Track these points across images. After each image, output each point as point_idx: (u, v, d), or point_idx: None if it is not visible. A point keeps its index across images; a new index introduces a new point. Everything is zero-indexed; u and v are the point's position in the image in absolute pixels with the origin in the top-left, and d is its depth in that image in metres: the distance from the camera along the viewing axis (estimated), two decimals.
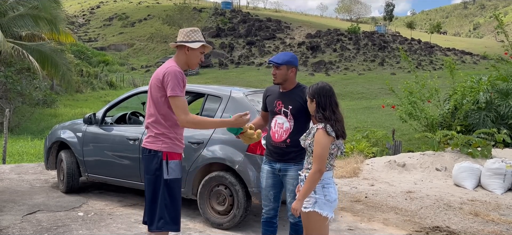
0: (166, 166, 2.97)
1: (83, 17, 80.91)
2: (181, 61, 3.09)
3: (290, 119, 3.35)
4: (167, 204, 2.97)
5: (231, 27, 67.69)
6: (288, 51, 3.73)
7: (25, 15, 14.50)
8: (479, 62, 51.58)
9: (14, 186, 6.16)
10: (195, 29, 3.15)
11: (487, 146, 7.92)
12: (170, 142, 3.00)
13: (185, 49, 3.07)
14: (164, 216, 2.97)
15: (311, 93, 2.97)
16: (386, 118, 19.09)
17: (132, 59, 59.11)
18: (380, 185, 6.93)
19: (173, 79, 2.90)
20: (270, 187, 3.45)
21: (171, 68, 2.96)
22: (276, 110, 3.41)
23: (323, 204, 2.85)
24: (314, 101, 2.95)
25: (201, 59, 3.17)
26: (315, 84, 3.01)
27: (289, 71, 3.37)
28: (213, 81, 39.30)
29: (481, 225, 5.12)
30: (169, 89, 2.90)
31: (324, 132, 2.83)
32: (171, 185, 2.98)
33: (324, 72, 48.30)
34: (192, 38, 3.08)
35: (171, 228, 2.99)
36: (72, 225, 4.59)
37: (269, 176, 3.45)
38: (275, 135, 3.39)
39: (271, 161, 3.44)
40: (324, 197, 2.85)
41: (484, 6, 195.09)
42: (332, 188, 2.91)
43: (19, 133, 14.88)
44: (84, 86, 32.92)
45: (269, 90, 3.56)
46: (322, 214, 2.84)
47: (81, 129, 5.67)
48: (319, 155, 2.80)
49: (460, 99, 9.81)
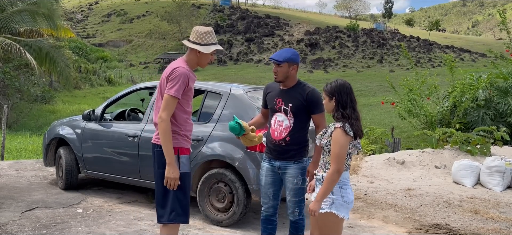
0: (178, 160, 3.05)
1: (81, 13, 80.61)
2: (192, 61, 3.15)
3: (290, 117, 3.32)
4: (179, 197, 3.07)
5: (230, 24, 67.53)
6: (289, 48, 3.67)
7: (23, 10, 14.42)
8: (478, 60, 51.60)
9: (12, 182, 6.14)
10: (209, 30, 3.16)
11: (486, 144, 7.93)
12: (180, 138, 3.09)
13: (196, 51, 3.10)
14: (176, 208, 3.08)
15: (330, 91, 2.86)
16: (385, 115, 19.10)
17: (131, 55, 58.94)
18: (380, 183, 6.92)
19: (177, 81, 2.98)
20: (270, 184, 3.43)
21: (179, 70, 3.03)
22: (276, 108, 3.38)
23: (340, 205, 2.79)
24: (333, 100, 2.84)
25: (212, 60, 3.22)
26: (333, 82, 2.90)
27: (291, 69, 3.32)
28: (212, 78, 39.23)
29: (480, 222, 5.12)
30: (169, 87, 2.99)
31: (342, 131, 2.75)
32: (183, 179, 3.08)
33: (323, 70, 48.25)
34: (205, 40, 3.10)
35: (182, 220, 3.11)
36: (71, 221, 4.57)
37: (268, 173, 3.43)
38: (275, 132, 3.36)
39: (271, 159, 3.42)
40: (342, 198, 2.79)
41: (482, 4, 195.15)
42: (349, 189, 2.83)
43: (18, 129, 14.83)
44: (83, 82, 32.82)
45: (270, 87, 3.52)
46: (339, 215, 2.78)
47: (80, 126, 5.65)
48: (337, 154, 2.72)
49: (459, 97, 9.81)
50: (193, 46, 3.09)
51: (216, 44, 3.15)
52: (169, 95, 2.98)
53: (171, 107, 2.99)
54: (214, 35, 3.17)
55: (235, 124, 3.31)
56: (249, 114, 4.45)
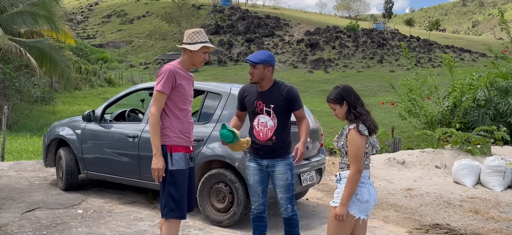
0: (170, 158, 3.17)
1: (81, 14, 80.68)
2: (185, 61, 3.29)
3: (273, 117, 3.41)
4: (171, 193, 3.18)
5: (230, 24, 67.56)
6: (265, 50, 3.74)
7: (24, 12, 14.43)
8: (478, 60, 51.60)
9: (12, 183, 6.14)
10: (198, 30, 3.31)
11: (486, 144, 7.92)
12: (173, 135, 3.19)
13: (188, 51, 3.24)
14: (169, 204, 3.19)
15: (338, 97, 2.88)
16: (385, 115, 19.10)
17: (131, 56, 58.98)
18: (380, 183, 6.92)
19: (162, 77, 3.16)
20: (258, 182, 3.51)
21: (166, 66, 3.20)
22: (257, 111, 3.45)
23: (352, 203, 2.78)
24: (344, 104, 2.87)
25: (205, 58, 3.31)
26: (336, 89, 2.92)
27: (266, 70, 3.39)
28: (212, 78, 39.25)
29: (481, 222, 5.12)
30: (156, 83, 3.18)
31: (356, 131, 2.78)
32: (175, 176, 3.18)
33: (323, 70, 48.26)
34: (193, 40, 3.23)
35: (175, 216, 3.21)
36: (71, 222, 4.57)
37: (256, 172, 3.51)
38: (260, 133, 3.43)
39: (257, 158, 3.49)
40: (355, 196, 2.79)
41: (483, 4, 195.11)
42: (365, 188, 2.83)
43: (18, 130, 14.83)
44: (83, 83, 32.84)
45: (246, 91, 3.57)
46: (350, 212, 2.78)
47: (80, 126, 5.65)
48: (355, 155, 2.75)
49: (459, 97, 9.81)
50: (182, 46, 3.26)
51: (205, 42, 3.23)
52: (156, 91, 3.15)
53: (159, 102, 3.15)
54: (203, 35, 3.27)
55: (228, 132, 3.25)
56: None
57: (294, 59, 53.90)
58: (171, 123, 3.20)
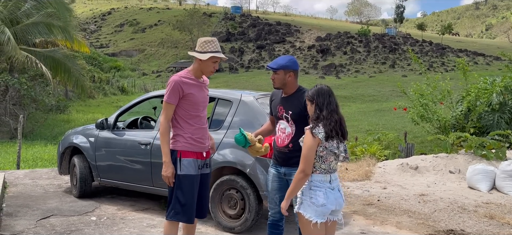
0: (179, 163, 3.26)
1: (94, 23, 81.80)
2: (196, 70, 3.37)
3: (291, 124, 3.37)
4: (178, 197, 3.26)
5: (241, 31, 67.83)
6: (287, 55, 3.69)
7: (39, 23, 14.72)
8: (492, 63, 50.86)
9: (28, 191, 6.24)
10: (211, 39, 3.34)
11: (501, 148, 7.80)
12: (184, 141, 3.29)
13: (198, 59, 3.30)
14: (175, 207, 3.30)
15: (311, 96, 2.96)
16: (398, 120, 18.91)
17: (143, 64, 59.55)
18: (393, 188, 6.86)
19: (168, 88, 3.28)
20: (276, 190, 3.47)
21: (173, 78, 3.32)
22: (278, 116, 3.45)
23: (308, 206, 2.82)
24: (313, 104, 2.93)
25: (215, 67, 3.37)
26: (314, 87, 3.01)
27: (287, 76, 3.36)
28: (223, 85, 39.38)
29: (496, 228, 5.03)
30: (165, 95, 3.31)
31: (309, 132, 2.83)
32: (183, 181, 3.26)
33: (334, 75, 48.07)
34: (204, 49, 3.28)
35: (180, 219, 3.30)
36: (85, 229, 4.63)
37: (275, 179, 3.47)
38: (279, 139, 3.43)
39: (277, 165, 3.47)
40: (310, 199, 2.82)
41: (496, 7, 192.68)
42: (320, 191, 2.82)
43: (33, 138, 15.06)
44: (96, 92, 33.23)
45: (274, 95, 3.58)
46: (305, 216, 2.81)
47: (94, 134, 5.73)
48: (304, 155, 2.80)
49: (473, 101, 9.67)
50: (191, 53, 3.33)
51: (215, 52, 3.27)
52: (164, 102, 3.30)
53: (167, 112, 3.29)
54: (215, 44, 3.31)
55: (240, 136, 3.40)
56: (259, 121, 4.47)
57: (306, 65, 53.80)
58: (182, 129, 3.28)
